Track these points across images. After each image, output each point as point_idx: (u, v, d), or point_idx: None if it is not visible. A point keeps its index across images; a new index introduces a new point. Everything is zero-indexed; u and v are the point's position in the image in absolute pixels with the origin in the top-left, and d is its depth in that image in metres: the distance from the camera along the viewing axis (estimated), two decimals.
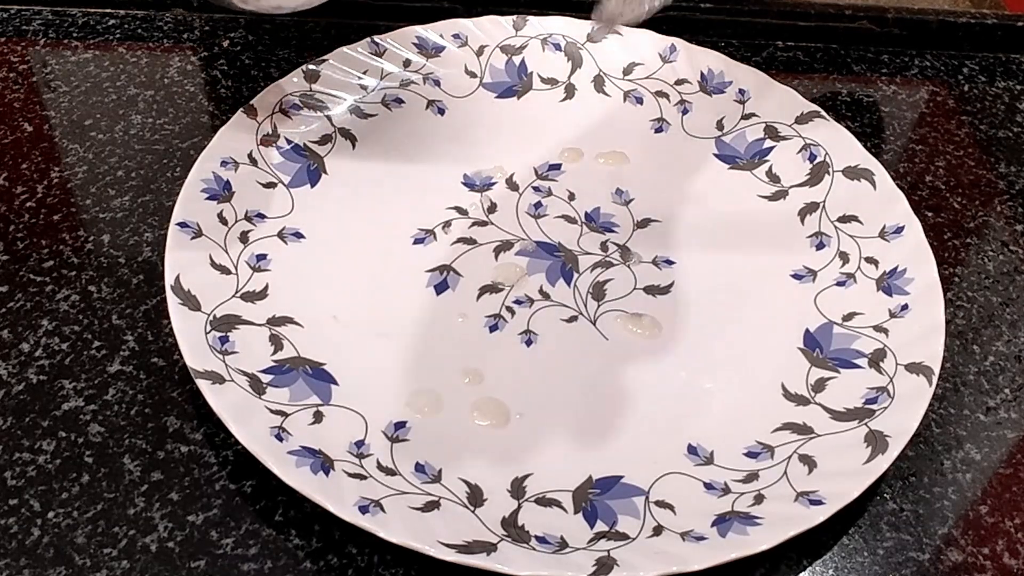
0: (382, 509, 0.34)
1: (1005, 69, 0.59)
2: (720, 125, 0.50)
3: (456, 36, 0.52)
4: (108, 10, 0.57)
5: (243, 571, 0.35)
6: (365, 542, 0.36)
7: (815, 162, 0.48)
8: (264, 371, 0.39)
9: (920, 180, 0.51)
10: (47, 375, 0.40)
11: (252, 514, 0.36)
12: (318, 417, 0.38)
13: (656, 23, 0.48)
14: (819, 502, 0.35)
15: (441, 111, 0.50)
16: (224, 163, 0.44)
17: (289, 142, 0.47)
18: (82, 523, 0.36)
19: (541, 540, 0.34)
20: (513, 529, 0.35)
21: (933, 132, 0.44)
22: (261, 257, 0.43)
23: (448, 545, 0.33)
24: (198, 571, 0.35)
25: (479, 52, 0.52)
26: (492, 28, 0.52)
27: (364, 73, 0.50)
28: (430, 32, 0.52)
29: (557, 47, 0.52)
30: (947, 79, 0.58)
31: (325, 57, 0.50)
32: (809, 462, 0.37)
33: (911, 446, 0.40)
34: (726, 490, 0.36)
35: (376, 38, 0.51)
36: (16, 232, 0.45)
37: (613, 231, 0.46)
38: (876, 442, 0.37)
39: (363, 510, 0.34)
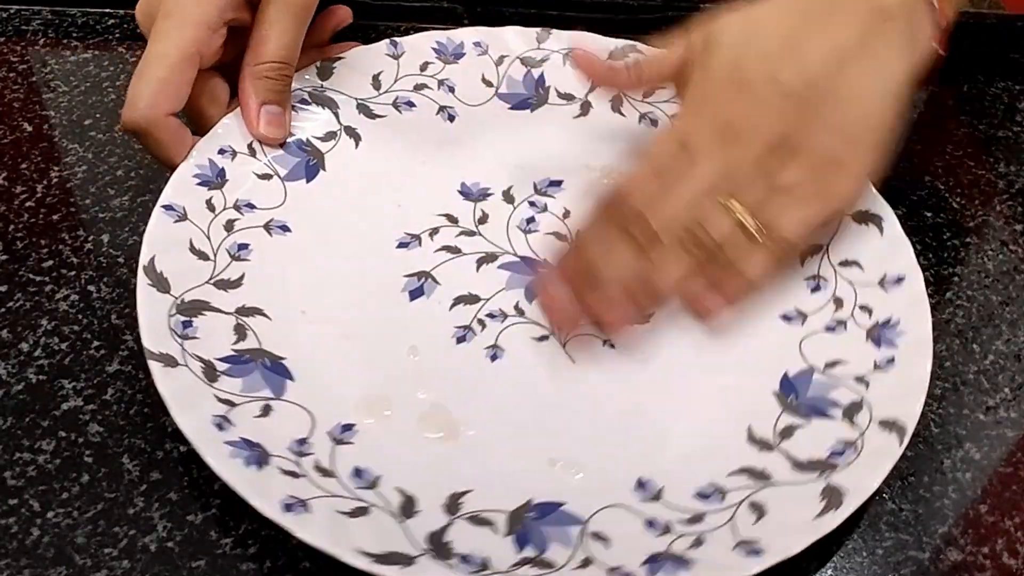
0: (307, 509, 0.33)
1: (1004, 69, 0.58)
2: None
3: (477, 44, 0.51)
4: (107, 10, 0.56)
5: (242, 571, 0.34)
6: None
7: None
8: (221, 359, 0.38)
9: (919, 180, 0.51)
10: (47, 375, 0.40)
11: (251, 514, 0.35)
12: (265, 411, 0.37)
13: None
14: (758, 552, 0.33)
15: (451, 117, 0.49)
16: (222, 151, 0.43)
17: (291, 135, 0.46)
18: (82, 523, 0.35)
19: (464, 559, 0.33)
20: (438, 545, 0.33)
21: (932, 132, 0.44)
22: (243, 247, 0.42)
23: (365, 553, 0.32)
24: (198, 571, 0.34)
25: (498, 62, 0.51)
26: (514, 39, 0.51)
27: (379, 74, 0.49)
28: (451, 37, 0.51)
29: None
30: (946, 79, 0.58)
31: (341, 55, 0.49)
32: (759, 510, 0.35)
33: (911, 446, 0.40)
34: (667, 529, 0.35)
35: (396, 39, 0.50)
36: (16, 232, 0.45)
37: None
38: (831, 497, 0.34)
39: (287, 508, 0.33)
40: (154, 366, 0.36)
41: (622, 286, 0.40)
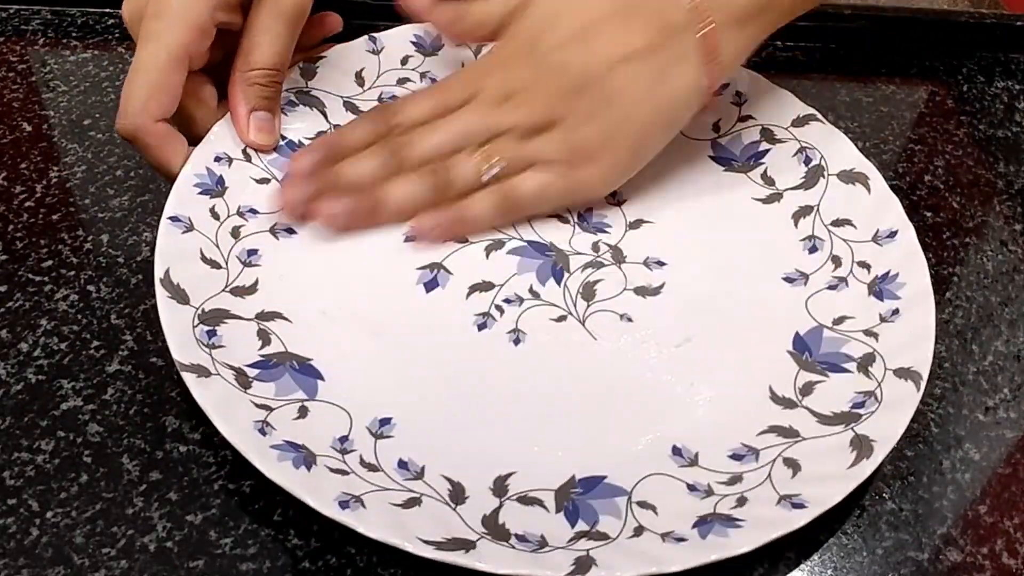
0: (363, 505, 0.33)
1: (1004, 69, 0.58)
2: (716, 127, 0.49)
3: None
4: (107, 10, 0.56)
5: (242, 571, 0.34)
6: (364, 542, 0.36)
7: (810, 165, 0.47)
8: (250, 365, 0.38)
9: (919, 180, 0.51)
10: (46, 375, 0.39)
11: (251, 514, 0.36)
12: (303, 412, 0.37)
13: None
14: (801, 505, 0.34)
15: None
16: (218, 158, 0.43)
17: (284, 138, 0.46)
18: (81, 523, 0.35)
19: (521, 539, 0.34)
20: (493, 527, 0.34)
21: (932, 132, 0.44)
22: (252, 252, 0.42)
23: (427, 542, 0.32)
24: (197, 571, 0.34)
25: (477, 51, 0.51)
26: None
27: (361, 70, 0.49)
28: (428, 30, 0.51)
29: None
30: (946, 79, 0.58)
31: (322, 54, 0.49)
32: (793, 465, 0.36)
33: (910, 446, 0.40)
34: (709, 492, 0.36)
35: (374, 35, 0.50)
36: (15, 232, 0.45)
37: (605, 231, 0.45)
38: (861, 446, 0.36)
39: (343, 505, 0.33)
40: (188, 377, 0.35)
41: (352, 188, 0.43)
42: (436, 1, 0.46)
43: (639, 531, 0.35)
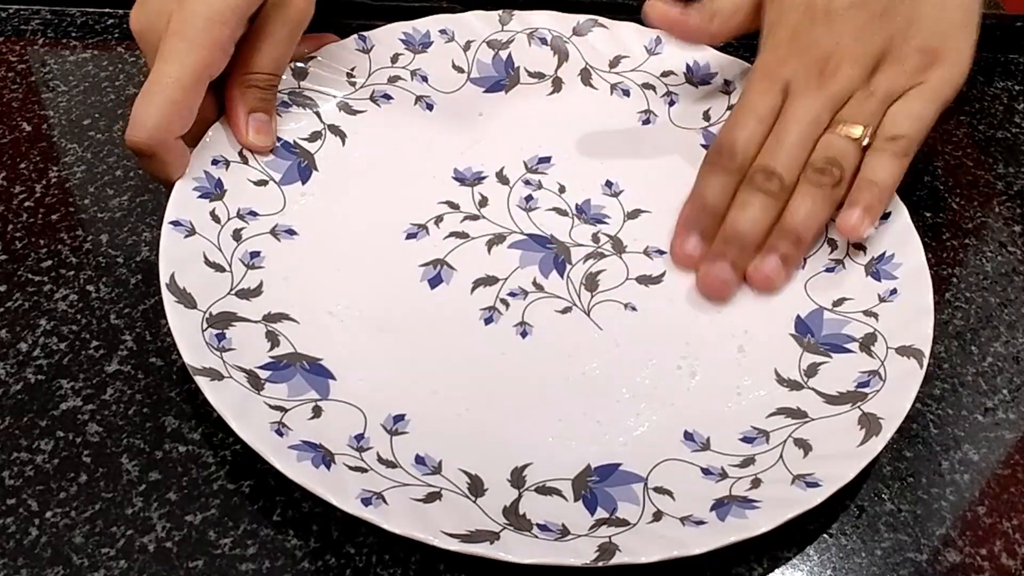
0: (384, 501, 0.33)
1: (1004, 69, 0.58)
2: (707, 116, 0.49)
3: (443, 31, 0.51)
4: (107, 9, 0.55)
5: (241, 571, 0.34)
6: (363, 542, 0.35)
7: None
8: (262, 367, 0.38)
9: (918, 180, 0.51)
10: (45, 375, 0.39)
11: (250, 514, 0.35)
12: (317, 412, 0.37)
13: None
14: (816, 484, 0.35)
15: (430, 106, 0.49)
16: (215, 161, 0.43)
17: (279, 139, 0.46)
18: (80, 523, 0.35)
19: (543, 528, 0.34)
20: (515, 518, 0.34)
21: (931, 132, 0.44)
22: (255, 254, 0.42)
23: (451, 535, 0.32)
24: (196, 571, 0.34)
25: (466, 47, 0.51)
26: (478, 23, 0.51)
27: (352, 69, 0.49)
28: (417, 27, 0.51)
29: (543, 41, 0.51)
30: None
31: (313, 54, 0.48)
32: (804, 445, 0.37)
33: (909, 447, 0.40)
34: (723, 475, 0.36)
35: (364, 34, 0.50)
36: (14, 232, 0.44)
37: (604, 222, 0.45)
38: (870, 424, 0.36)
39: (366, 502, 0.33)
40: (201, 381, 0.35)
41: (761, 237, 0.42)
42: (680, 10, 0.45)
43: (658, 516, 0.35)
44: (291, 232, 0.44)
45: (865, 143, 0.42)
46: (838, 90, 0.42)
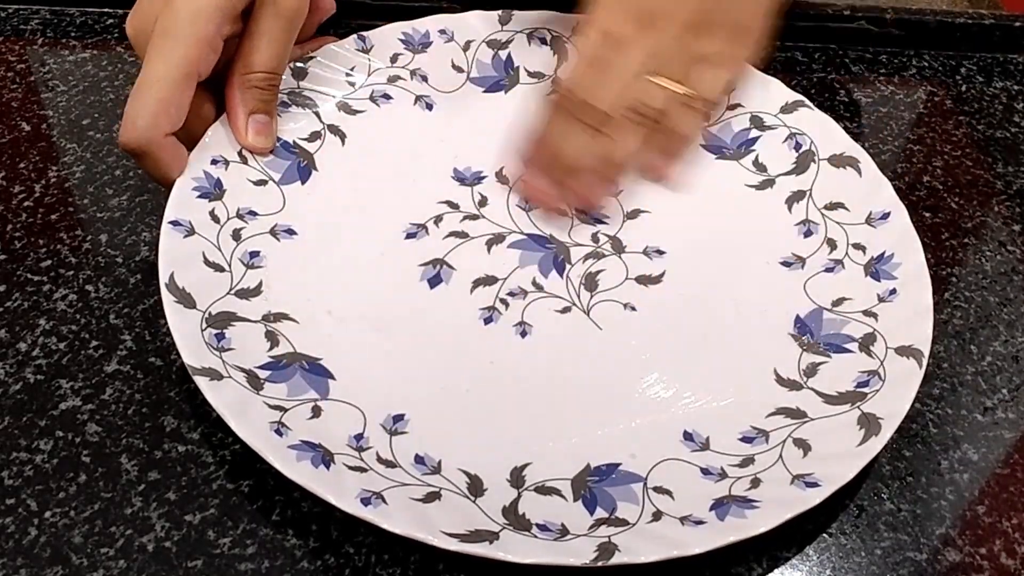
0: (384, 501, 0.33)
1: (1003, 69, 0.58)
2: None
3: (442, 31, 0.51)
4: (106, 9, 0.55)
5: (240, 571, 0.34)
6: (362, 541, 0.35)
7: (800, 151, 0.47)
8: (261, 367, 0.37)
9: (918, 180, 0.51)
10: (44, 375, 0.39)
11: (249, 514, 0.35)
12: (316, 412, 0.37)
13: None
14: (815, 484, 0.34)
15: (429, 106, 0.49)
16: (215, 161, 0.43)
17: (279, 139, 0.46)
18: (79, 523, 0.35)
19: (542, 528, 0.34)
20: (514, 517, 0.34)
21: (931, 132, 0.44)
22: (254, 254, 0.42)
23: (450, 534, 0.32)
24: (195, 571, 0.34)
25: (465, 47, 0.51)
26: (478, 23, 0.51)
27: (352, 69, 0.49)
28: (416, 27, 0.51)
29: (543, 41, 0.51)
30: (945, 79, 0.57)
31: (312, 54, 0.48)
32: (804, 445, 0.37)
33: (908, 446, 0.40)
34: (723, 475, 0.36)
35: (363, 34, 0.50)
36: (14, 231, 0.44)
37: (604, 222, 0.45)
38: (869, 424, 0.36)
39: (365, 502, 0.33)
40: (200, 381, 0.35)
41: (587, 166, 0.44)
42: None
43: (657, 516, 0.35)
44: (291, 232, 0.44)
45: (679, 96, 0.43)
46: (655, 41, 0.43)
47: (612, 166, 0.44)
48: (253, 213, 0.43)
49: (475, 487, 0.36)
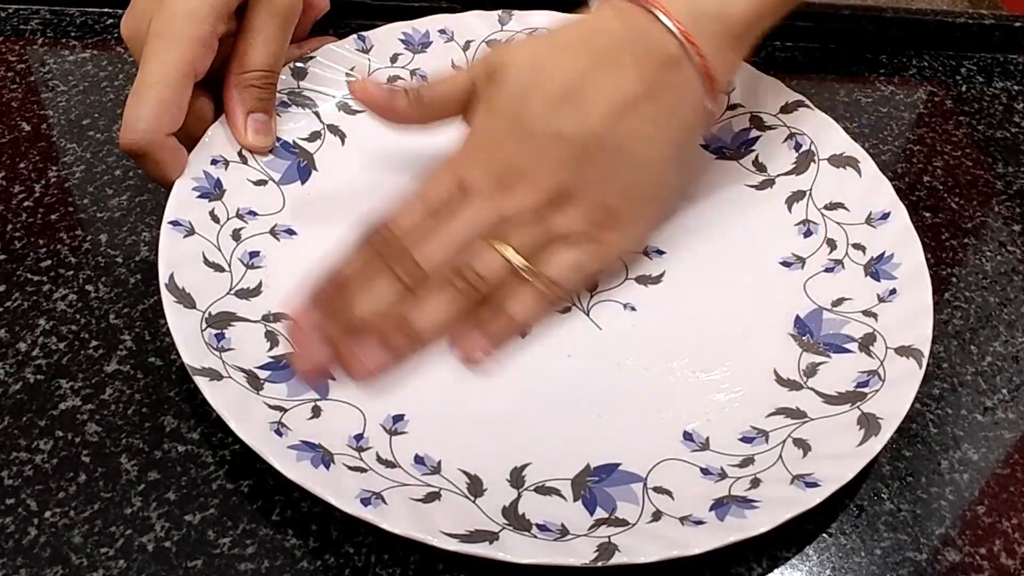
0: (384, 501, 0.33)
1: (1003, 69, 0.58)
2: None
3: (442, 31, 0.51)
4: (106, 9, 0.55)
5: (240, 571, 0.34)
6: (362, 541, 0.35)
7: (800, 151, 0.47)
8: (261, 367, 0.38)
9: (918, 180, 0.51)
10: (44, 374, 0.39)
11: (249, 514, 0.35)
12: (316, 412, 0.37)
13: None
14: (815, 484, 0.34)
15: None
16: (215, 161, 0.43)
17: (279, 139, 0.46)
18: (79, 523, 0.35)
19: (542, 528, 0.34)
20: (514, 517, 0.34)
21: (931, 132, 0.44)
22: (254, 254, 0.42)
23: (450, 535, 0.32)
24: (195, 571, 0.34)
25: (465, 47, 0.51)
26: (478, 23, 0.51)
27: (351, 69, 0.49)
28: (416, 27, 0.51)
29: None
30: (945, 79, 0.57)
31: (312, 54, 0.48)
32: (803, 446, 0.37)
33: (908, 446, 0.40)
34: (723, 475, 0.36)
35: (363, 34, 0.50)
36: (14, 231, 0.44)
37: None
38: (869, 425, 0.36)
39: (365, 502, 0.33)
40: (200, 381, 0.35)
41: (377, 328, 0.38)
42: (389, 92, 0.42)
43: (657, 516, 0.35)
44: (290, 232, 0.44)
45: (518, 269, 0.39)
46: (510, 207, 0.40)
47: (407, 336, 0.39)
48: (253, 213, 0.43)
49: (475, 487, 0.35)
